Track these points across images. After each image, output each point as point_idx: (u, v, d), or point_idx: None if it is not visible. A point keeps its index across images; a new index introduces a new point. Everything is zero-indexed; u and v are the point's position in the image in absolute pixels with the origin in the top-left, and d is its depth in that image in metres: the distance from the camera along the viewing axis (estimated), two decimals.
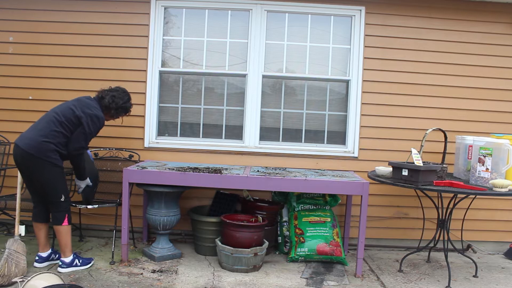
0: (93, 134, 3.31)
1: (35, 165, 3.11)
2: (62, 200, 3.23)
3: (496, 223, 4.34)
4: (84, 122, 3.21)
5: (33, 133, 3.13)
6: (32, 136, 3.11)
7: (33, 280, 2.69)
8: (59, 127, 3.16)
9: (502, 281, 3.60)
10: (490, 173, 3.24)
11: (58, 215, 3.24)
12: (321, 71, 4.31)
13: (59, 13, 4.19)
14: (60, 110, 3.24)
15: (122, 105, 3.47)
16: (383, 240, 4.36)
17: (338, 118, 4.36)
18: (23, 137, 3.15)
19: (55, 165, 3.15)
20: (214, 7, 4.25)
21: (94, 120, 3.26)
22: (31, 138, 3.10)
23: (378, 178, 3.53)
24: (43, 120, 3.21)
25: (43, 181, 3.17)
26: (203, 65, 4.29)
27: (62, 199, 3.22)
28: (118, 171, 4.05)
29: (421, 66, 4.24)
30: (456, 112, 4.27)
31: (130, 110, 3.59)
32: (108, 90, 3.48)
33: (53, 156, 3.13)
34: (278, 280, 3.37)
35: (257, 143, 4.28)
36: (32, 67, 4.19)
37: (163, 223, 3.62)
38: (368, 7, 4.21)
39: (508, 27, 4.26)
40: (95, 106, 3.33)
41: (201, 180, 3.47)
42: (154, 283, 3.17)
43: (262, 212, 3.91)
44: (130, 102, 3.57)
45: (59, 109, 3.25)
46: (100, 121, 3.31)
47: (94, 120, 3.26)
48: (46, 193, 3.22)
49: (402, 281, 3.47)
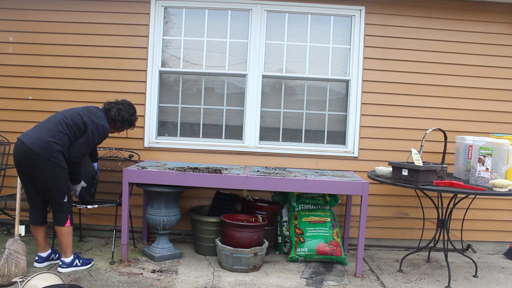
0: (95, 143, 3.37)
1: (40, 164, 3.09)
2: (66, 201, 3.23)
3: (496, 223, 4.34)
4: (90, 130, 3.24)
5: (40, 133, 3.12)
6: (39, 136, 3.10)
7: (33, 280, 2.69)
8: (66, 129, 3.17)
9: (502, 281, 3.60)
10: (490, 173, 3.24)
11: (61, 215, 3.24)
12: (321, 71, 4.31)
13: (59, 13, 4.19)
14: (68, 114, 3.26)
15: (127, 118, 3.51)
16: (383, 240, 4.36)
17: (338, 118, 4.36)
18: (29, 136, 3.12)
19: (60, 166, 3.15)
20: (214, 7, 4.25)
21: (100, 129, 3.31)
22: (38, 137, 3.09)
23: (378, 178, 3.53)
24: (51, 121, 3.21)
25: (47, 181, 3.16)
26: (203, 65, 4.30)
27: (65, 200, 3.23)
28: (118, 171, 4.05)
29: (421, 66, 4.24)
30: (456, 112, 4.27)
31: (135, 123, 3.64)
32: (114, 103, 3.51)
33: (59, 157, 3.13)
34: (278, 280, 3.37)
35: (257, 143, 4.28)
36: (32, 67, 4.19)
37: (163, 223, 3.62)
38: (368, 7, 4.21)
39: (508, 27, 4.26)
40: (103, 116, 3.39)
41: (201, 180, 3.47)
42: (154, 283, 3.18)
43: (262, 212, 3.91)
44: (135, 115, 3.62)
45: (68, 113, 3.27)
46: (106, 131, 3.38)
47: (100, 129, 3.32)
48: (50, 194, 3.21)
49: (402, 281, 3.47)
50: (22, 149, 3.09)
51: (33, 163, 3.10)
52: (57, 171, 3.15)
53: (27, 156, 3.09)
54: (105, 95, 3.96)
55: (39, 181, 3.18)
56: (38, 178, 3.17)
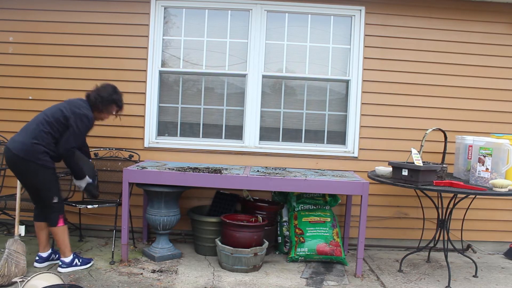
0: (82, 134, 3.26)
1: (26, 168, 3.10)
2: (55, 201, 3.20)
3: (496, 223, 4.34)
4: (73, 123, 3.17)
5: (24, 136, 3.12)
6: (23, 139, 3.10)
7: (33, 280, 2.69)
8: (48, 127, 3.14)
9: (502, 281, 3.60)
10: (490, 173, 3.24)
11: (52, 216, 3.22)
12: (321, 71, 4.31)
13: (59, 13, 4.19)
14: (50, 111, 3.22)
15: (107, 97, 3.37)
16: (383, 240, 4.36)
17: (338, 118, 4.36)
18: (14, 140, 3.13)
19: (45, 167, 3.13)
20: (214, 7, 4.25)
21: (83, 119, 3.21)
22: (21, 141, 3.09)
23: (378, 178, 3.53)
24: (33, 122, 3.19)
25: (35, 183, 3.16)
26: (203, 65, 4.29)
27: (55, 201, 3.20)
28: (118, 171, 4.05)
29: (421, 66, 4.24)
30: (456, 112, 4.27)
31: (119, 102, 3.46)
32: (94, 89, 3.42)
33: (42, 158, 3.10)
34: (278, 280, 3.37)
35: (257, 143, 4.28)
36: (32, 67, 4.19)
37: (163, 223, 3.62)
38: (368, 7, 4.21)
39: (508, 27, 4.26)
40: (85, 106, 3.30)
41: (201, 180, 3.47)
42: (154, 283, 3.18)
43: (262, 212, 3.91)
44: (118, 94, 3.45)
45: (49, 110, 3.24)
46: (89, 120, 3.26)
47: (83, 119, 3.22)
48: (40, 195, 3.22)
49: (402, 281, 3.47)
50: (8, 155, 3.13)
51: (19, 167, 3.12)
52: (43, 172, 3.13)
53: (12, 161, 3.12)
54: None
55: (29, 184, 3.19)
56: (26, 181, 3.18)
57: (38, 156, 3.09)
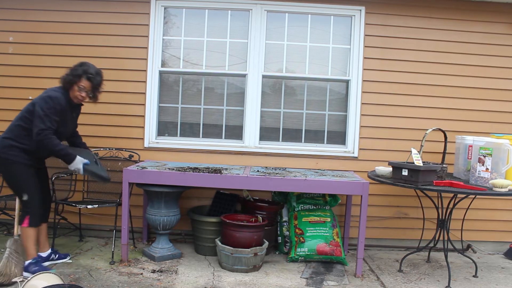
0: (49, 115, 3.06)
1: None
2: (25, 199, 3.11)
3: (496, 223, 4.34)
4: (37, 106, 3.07)
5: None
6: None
7: (33, 280, 2.69)
8: (18, 121, 3.14)
9: (502, 281, 3.60)
10: (490, 173, 3.24)
11: (22, 213, 3.15)
12: (321, 71, 4.31)
13: (59, 13, 4.19)
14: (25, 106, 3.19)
15: (75, 73, 3.20)
16: (383, 240, 4.36)
17: (338, 118, 4.36)
18: None
19: (13, 161, 3.08)
20: (214, 7, 4.25)
21: (46, 100, 3.08)
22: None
23: (378, 178, 3.53)
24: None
25: (5, 178, 3.15)
26: (203, 65, 4.29)
27: (24, 198, 3.11)
28: (118, 171, 4.05)
29: (421, 66, 4.24)
30: (456, 112, 4.27)
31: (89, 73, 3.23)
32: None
33: (9, 152, 3.07)
34: (278, 280, 3.37)
35: (257, 143, 4.28)
36: (32, 67, 4.19)
37: (163, 223, 3.62)
38: (368, 7, 4.21)
39: (508, 27, 4.26)
40: (52, 89, 3.20)
41: (201, 180, 3.47)
42: (154, 283, 3.17)
43: (262, 212, 3.91)
44: (88, 66, 3.26)
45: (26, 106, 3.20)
46: (54, 99, 3.10)
47: (47, 100, 3.08)
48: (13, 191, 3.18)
49: (402, 281, 3.47)
50: None
51: None
52: (12, 167, 3.09)
53: None
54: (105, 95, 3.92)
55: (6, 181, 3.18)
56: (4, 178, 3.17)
57: (5, 150, 3.07)
